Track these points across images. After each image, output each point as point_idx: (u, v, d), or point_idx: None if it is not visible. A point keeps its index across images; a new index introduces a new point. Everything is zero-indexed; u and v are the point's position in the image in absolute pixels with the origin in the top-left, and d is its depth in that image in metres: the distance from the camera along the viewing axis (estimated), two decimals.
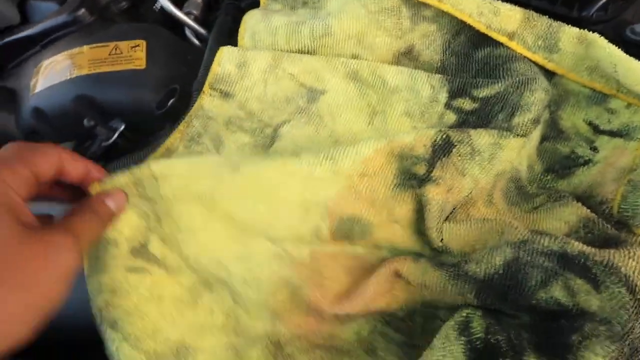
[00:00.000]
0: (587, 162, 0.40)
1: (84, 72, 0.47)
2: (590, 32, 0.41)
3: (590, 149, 0.40)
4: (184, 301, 0.37)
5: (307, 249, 0.37)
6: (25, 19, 0.57)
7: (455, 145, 0.37)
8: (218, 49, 0.49)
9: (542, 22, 0.43)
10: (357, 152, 0.36)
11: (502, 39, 0.42)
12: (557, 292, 0.31)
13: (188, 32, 0.56)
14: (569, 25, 0.43)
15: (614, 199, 0.37)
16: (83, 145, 0.47)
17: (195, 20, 0.55)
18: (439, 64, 0.45)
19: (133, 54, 0.48)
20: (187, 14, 0.55)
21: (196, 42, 0.55)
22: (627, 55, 0.40)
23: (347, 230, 0.37)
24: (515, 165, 0.39)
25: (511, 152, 0.38)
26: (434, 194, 0.36)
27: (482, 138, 0.38)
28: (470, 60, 0.44)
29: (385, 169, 0.37)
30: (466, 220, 0.37)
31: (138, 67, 0.48)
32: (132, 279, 0.35)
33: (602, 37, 0.41)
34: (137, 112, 0.46)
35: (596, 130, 0.41)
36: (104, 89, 0.47)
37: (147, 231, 0.37)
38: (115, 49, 0.48)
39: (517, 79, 0.41)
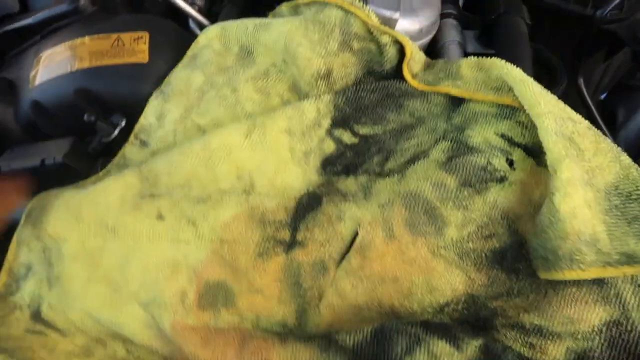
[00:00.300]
0: (502, 179, 0.37)
1: (85, 64, 0.46)
2: (488, 57, 0.40)
3: (507, 161, 0.37)
4: (78, 355, 0.38)
5: (169, 318, 0.36)
6: (25, 8, 0.55)
7: (324, 197, 0.37)
8: None
9: (440, 62, 0.43)
10: (216, 217, 0.36)
11: (407, 75, 0.41)
12: (421, 358, 0.31)
13: (192, 24, 0.54)
14: (467, 57, 0.41)
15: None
16: (83, 141, 0.46)
17: (199, 11, 0.54)
18: (348, 89, 0.42)
19: (136, 47, 0.47)
20: (191, 4, 0.54)
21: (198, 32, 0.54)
22: (524, 76, 0.38)
23: (212, 296, 0.36)
24: (408, 193, 0.37)
25: (385, 190, 0.37)
26: (303, 257, 0.36)
27: (350, 186, 0.38)
28: (372, 81, 0.42)
29: (245, 236, 0.36)
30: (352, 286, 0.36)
31: (141, 61, 0.46)
32: (31, 338, 0.38)
33: (500, 60, 0.39)
34: (139, 108, 0.45)
35: (511, 142, 0.38)
36: (106, 83, 0.46)
37: (39, 298, 0.39)
38: (118, 41, 0.47)
39: (401, 122, 0.41)
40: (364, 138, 0.41)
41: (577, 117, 0.37)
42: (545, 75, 0.52)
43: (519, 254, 0.36)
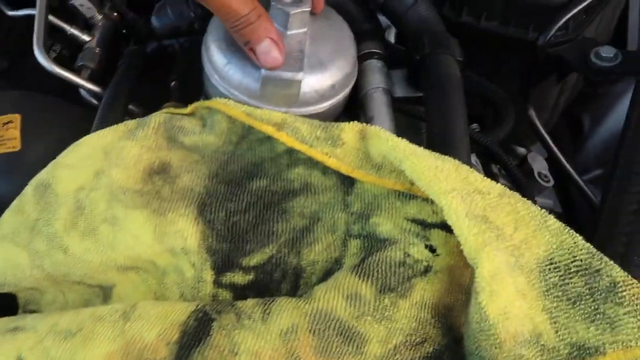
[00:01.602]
0: (427, 270, 0.31)
1: None
2: (371, 126, 0.34)
3: (427, 247, 0.32)
4: None
5: None
6: None
7: (215, 321, 0.30)
8: (113, 108, 0.41)
9: (314, 121, 0.36)
10: (85, 357, 0.29)
11: (268, 129, 0.34)
12: None
13: (83, 93, 0.47)
14: (352, 121, 0.35)
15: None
16: None
17: (92, 75, 0.47)
18: (204, 193, 0.36)
19: (5, 134, 0.40)
20: (81, 67, 0.47)
21: (94, 102, 0.47)
22: (413, 148, 0.32)
23: None
24: (317, 313, 0.30)
25: (288, 310, 0.30)
26: None
27: (248, 304, 0.31)
28: (243, 191, 0.36)
29: None
30: None
31: (11, 150, 0.39)
32: None
33: (382, 130, 0.34)
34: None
35: (424, 225, 0.32)
36: None
37: None
38: None
39: (294, 228, 0.35)
40: (259, 268, 0.34)
41: (485, 184, 0.32)
42: (490, 112, 0.46)
43: (458, 355, 0.30)
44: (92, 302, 0.38)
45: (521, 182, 0.45)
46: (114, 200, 0.35)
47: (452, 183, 0.30)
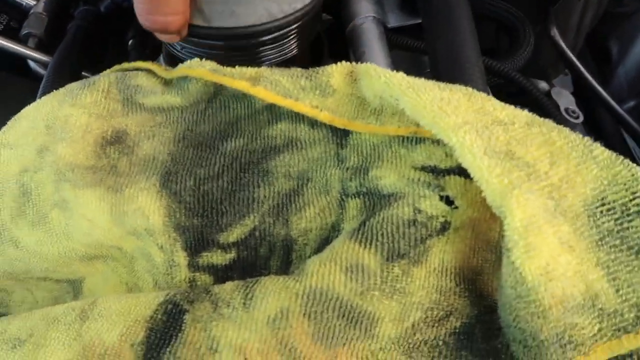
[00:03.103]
0: (444, 227, 0.25)
1: None
2: (362, 64, 0.28)
3: (442, 199, 0.26)
4: None
5: None
6: None
7: (187, 312, 0.25)
8: (59, 76, 0.36)
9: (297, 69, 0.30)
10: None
11: (241, 84, 0.29)
12: None
13: (32, 64, 0.41)
14: (339, 62, 0.29)
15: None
16: None
17: (39, 43, 0.41)
18: (168, 160, 0.30)
19: None
20: (27, 36, 0.41)
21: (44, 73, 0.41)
22: (411, 81, 0.26)
23: None
24: (310, 293, 0.25)
25: (276, 292, 0.25)
26: None
27: (226, 288, 0.26)
28: (216, 153, 0.31)
29: None
30: None
31: None
32: None
33: (373, 66, 0.27)
34: None
35: (437, 172, 0.26)
36: None
37: None
38: None
39: (279, 192, 0.29)
40: (241, 244, 0.29)
41: (507, 112, 0.25)
42: (505, 42, 0.39)
43: (493, 326, 0.24)
44: (62, 299, 0.34)
45: (552, 112, 0.38)
46: (61, 180, 0.30)
47: (463, 115, 0.24)
